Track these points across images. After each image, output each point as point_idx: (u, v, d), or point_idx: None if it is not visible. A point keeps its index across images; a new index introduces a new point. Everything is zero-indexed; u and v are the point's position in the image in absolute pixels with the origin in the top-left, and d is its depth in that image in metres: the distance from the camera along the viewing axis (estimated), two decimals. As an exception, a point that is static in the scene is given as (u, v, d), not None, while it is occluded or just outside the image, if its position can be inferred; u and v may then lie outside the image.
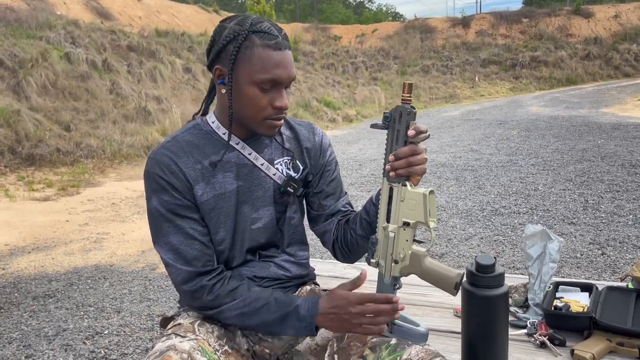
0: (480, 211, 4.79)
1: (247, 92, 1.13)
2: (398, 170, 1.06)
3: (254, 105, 1.13)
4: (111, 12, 19.02)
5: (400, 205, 1.08)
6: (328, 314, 1.11)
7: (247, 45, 1.11)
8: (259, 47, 1.10)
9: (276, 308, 1.14)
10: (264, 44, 1.10)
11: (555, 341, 1.39)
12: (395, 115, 1.07)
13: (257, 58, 1.10)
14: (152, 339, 2.72)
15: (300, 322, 1.12)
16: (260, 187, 1.24)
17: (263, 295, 1.16)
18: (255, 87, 1.12)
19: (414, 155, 1.05)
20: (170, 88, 11.82)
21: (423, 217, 1.05)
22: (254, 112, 1.14)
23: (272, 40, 1.11)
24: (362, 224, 1.25)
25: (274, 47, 1.11)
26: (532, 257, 1.59)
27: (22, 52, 10.02)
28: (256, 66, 1.10)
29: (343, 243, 1.31)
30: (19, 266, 3.87)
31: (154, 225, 1.18)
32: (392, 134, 1.08)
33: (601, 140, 8.15)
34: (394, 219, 1.09)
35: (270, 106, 1.14)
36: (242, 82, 1.13)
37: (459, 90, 20.26)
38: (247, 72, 1.11)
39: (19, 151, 7.27)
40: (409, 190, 1.07)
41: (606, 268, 3.37)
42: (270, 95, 1.13)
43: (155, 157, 1.18)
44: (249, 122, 1.17)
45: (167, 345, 1.06)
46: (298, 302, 1.14)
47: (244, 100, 1.14)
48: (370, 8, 70.21)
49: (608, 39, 25.54)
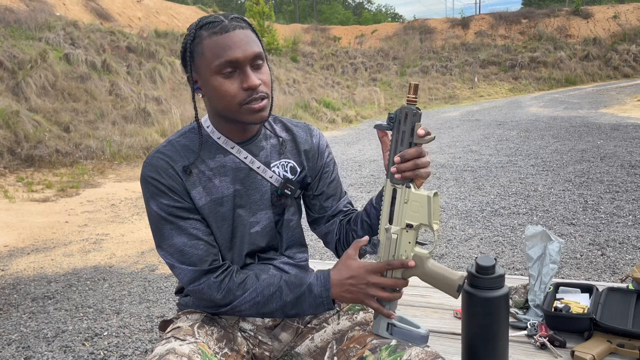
0: (479, 212, 4.79)
1: (213, 85, 1.12)
2: (404, 172, 1.05)
3: (223, 94, 1.12)
4: (110, 13, 19.02)
5: (404, 207, 1.07)
6: (344, 284, 1.10)
7: (197, 42, 1.12)
8: (206, 39, 1.11)
9: (288, 291, 1.13)
10: (210, 32, 1.11)
11: (555, 342, 1.39)
12: (400, 116, 1.05)
13: (207, 48, 1.11)
14: (152, 341, 2.71)
15: (315, 300, 1.12)
16: (257, 191, 1.23)
17: (273, 281, 1.15)
18: (218, 77, 1.11)
19: (420, 157, 1.04)
20: (169, 89, 11.82)
21: (427, 220, 1.05)
22: (227, 102, 1.13)
23: (217, 27, 1.11)
24: (362, 225, 1.25)
25: (220, 32, 1.10)
26: (532, 258, 1.59)
27: (21, 53, 10.02)
28: (208, 56, 1.11)
29: (345, 243, 1.31)
30: (18, 267, 3.86)
31: (156, 229, 1.17)
32: (396, 135, 1.07)
33: (600, 141, 8.15)
34: (396, 221, 1.08)
35: (241, 90, 1.12)
36: (205, 78, 1.13)
37: (458, 91, 20.29)
38: (204, 66, 1.12)
39: (18, 152, 7.27)
40: (413, 192, 1.06)
41: (606, 269, 3.36)
42: (237, 79, 1.12)
43: (152, 162, 1.17)
44: (230, 114, 1.16)
45: (167, 348, 1.05)
46: (310, 280, 1.13)
47: (214, 94, 1.14)
48: (370, 9, 70.28)
49: (607, 40, 25.60)
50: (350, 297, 1.11)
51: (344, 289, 1.10)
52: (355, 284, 1.09)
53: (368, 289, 1.08)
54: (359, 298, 1.10)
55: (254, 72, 1.13)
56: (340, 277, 1.10)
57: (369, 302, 1.10)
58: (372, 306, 1.10)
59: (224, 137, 1.21)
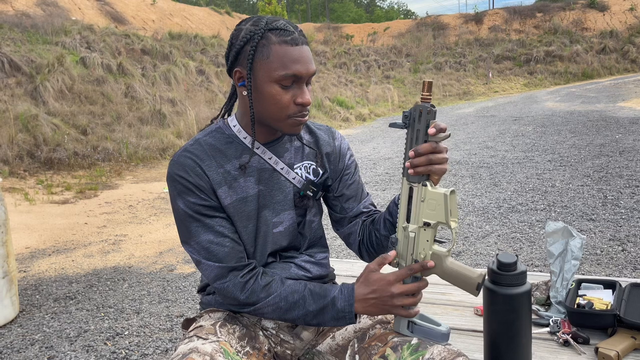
0: (496, 208, 4.75)
1: (268, 91, 1.12)
2: (418, 167, 1.04)
3: (276, 103, 1.12)
4: (125, 16, 19.22)
5: (421, 205, 1.06)
6: (368, 299, 1.10)
7: (263, 43, 1.10)
8: (275, 44, 1.10)
9: (312, 301, 1.13)
10: (281, 40, 1.10)
11: (578, 339, 1.38)
12: (415, 114, 1.05)
13: (275, 55, 1.09)
14: (172, 340, 2.74)
15: (338, 313, 1.12)
16: (281, 191, 1.24)
17: (297, 288, 1.15)
18: (275, 85, 1.11)
19: (435, 153, 1.04)
20: (184, 90, 11.90)
21: (444, 218, 1.04)
22: (276, 111, 1.13)
23: (288, 36, 1.10)
24: (385, 224, 1.25)
25: (291, 43, 1.10)
26: (553, 254, 1.57)
27: (38, 58, 10.17)
28: (274, 63, 1.09)
29: (369, 244, 1.31)
30: (39, 268, 3.93)
31: (183, 226, 1.18)
32: (411, 133, 1.06)
33: (619, 135, 8.03)
34: (414, 219, 1.08)
35: (292, 103, 1.13)
36: (261, 81, 1.12)
37: (472, 87, 20.11)
38: (266, 71, 1.11)
39: (38, 155, 7.39)
40: (430, 190, 1.05)
41: (627, 264, 3.32)
42: (292, 92, 1.12)
43: (179, 160, 1.17)
44: (273, 122, 1.16)
45: (190, 347, 1.06)
46: (334, 293, 1.13)
47: (265, 100, 1.13)
48: (382, 6, 70.02)
49: (624, 32, 25.17)
50: (377, 311, 1.11)
51: (369, 304, 1.10)
52: (378, 297, 1.09)
53: (393, 300, 1.08)
54: (386, 310, 1.10)
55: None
56: (364, 292, 1.10)
57: (396, 311, 1.10)
58: (400, 314, 1.10)
59: (250, 137, 1.21)
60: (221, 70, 14.03)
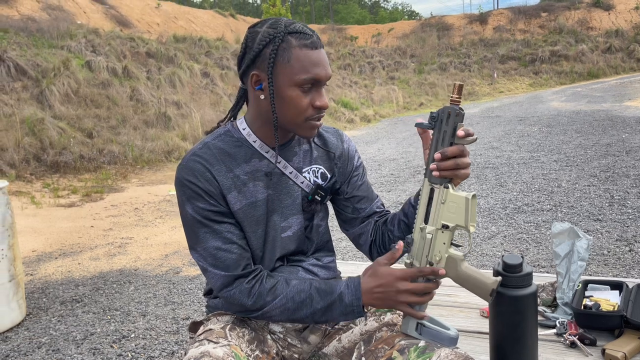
0: (502, 209, 4.74)
1: (288, 95, 1.11)
2: (444, 170, 1.04)
3: (295, 107, 1.12)
4: (130, 19, 19.30)
5: (441, 207, 1.06)
6: (374, 292, 1.10)
7: (284, 47, 1.10)
8: (296, 48, 1.09)
9: (319, 298, 1.13)
10: (301, 43, 1.10)
11: (585, 341, 1.37)
12: (442, 116, 1.04)
13: (296, 59, 1.09)
14: (178, 342, 2.75)
15: (346, 308, 1.12)
16: (289, 196, 1.24)
17: (303, 287, 1.14)
18: (296, 89, 1.11)
19: (462, 156, 1.03)
20: (189, 93, 11.93)
21: (463, 221, 1.04)
22: (295, 114, 1.13)
23: (308, 40, 1.10)
24: (400, 225, 1.25)
25: (311, 46, 1.10)
26: (559, 255, 1.57)
27: (44, 62, 10.22)
28: (295, 67, 1.09)
29: (381, 244, 1.30)
30: (46, 272, 3.95)
31: (191, 232, 1.17)
32: (437, 135, 1.05)
33: (625, 134, 7.98)
34: (432, 221, 1.07)
35: (311, 106, 1.13)
36: (282, 84, 1.11)
37: (477, 88, 20.07)
38: (287, 74, 1.10)
39: (44, 159, 7.42)
40: (451, 192, 1.04)
41: (634, 265, 3.30)
42: (310, 95, 1.13)
43: (188, 164, 1.16)
44: (289, 125, 1.16)
45: (201, 351, 1.06)
46: (341, 288, 1.12)
47: (285, 103, 1.12)
48: (386, 7, 70.02)
49: (630, 31, 25.04)
50: (381, 304, 1.11)
51: (374, 297, 1.10)
52: (384, 291, 1.09)
53: (398, 296, 1.08)
54: (390, 304, 1.10)
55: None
56: (370, 285, 1.10)
57: (400, 307, 1.10)
58: (404, 311, 1.10)
59: (259, 141, 1.21)
60: (225, 72, 14.05)
